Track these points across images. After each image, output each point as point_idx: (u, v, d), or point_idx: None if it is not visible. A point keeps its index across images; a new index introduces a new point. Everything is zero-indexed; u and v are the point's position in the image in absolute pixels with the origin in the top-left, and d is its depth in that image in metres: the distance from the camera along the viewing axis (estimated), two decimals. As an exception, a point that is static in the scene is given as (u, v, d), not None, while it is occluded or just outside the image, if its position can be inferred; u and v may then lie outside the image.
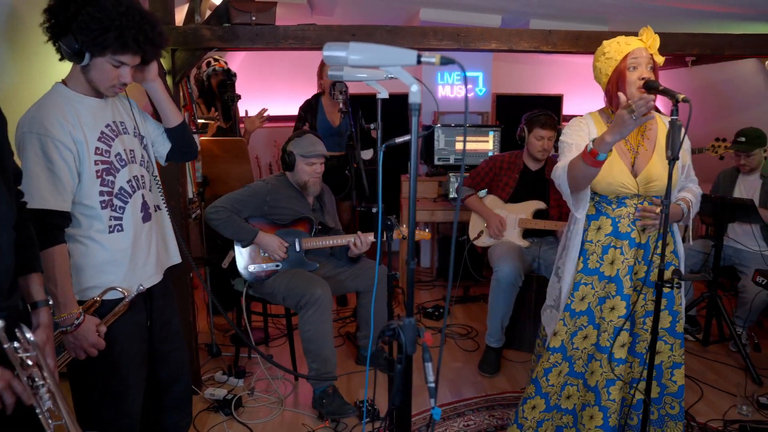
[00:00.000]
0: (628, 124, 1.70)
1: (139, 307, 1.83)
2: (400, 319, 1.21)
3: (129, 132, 1.83)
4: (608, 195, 1.99)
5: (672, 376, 2.05)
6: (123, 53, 1.61)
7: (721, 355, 3.46)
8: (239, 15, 2.55)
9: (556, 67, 5.52)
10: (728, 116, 4.62)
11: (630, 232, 1.98)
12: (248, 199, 2.86)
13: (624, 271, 1.99)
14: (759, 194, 3.45)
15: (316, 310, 2.68)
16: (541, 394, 2.11)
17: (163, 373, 1.98)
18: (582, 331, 2.05)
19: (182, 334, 2.07)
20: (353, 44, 1.10)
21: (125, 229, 1.76)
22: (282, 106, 5.12)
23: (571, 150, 1.98)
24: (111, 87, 1.68)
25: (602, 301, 2.03)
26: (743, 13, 3.06)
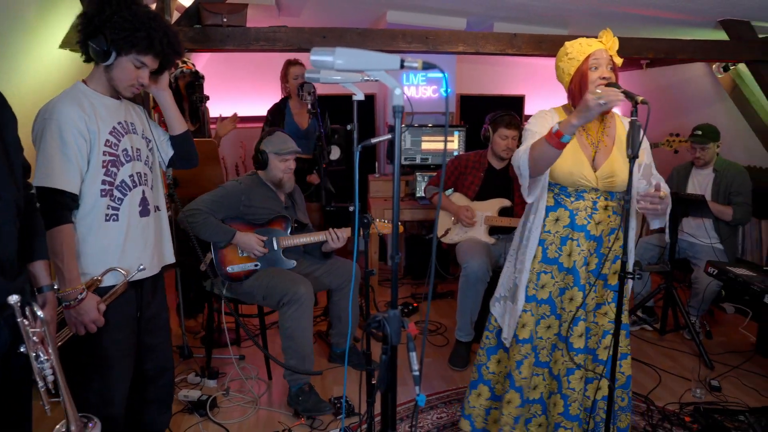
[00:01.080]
0: (593, 108, 1.76)
1: (130, 298, 1.92)
2: (385, 311, 1.27)
3: (138, 133, 1.98)
4: (568, 187, 2.05)
5: (620, 367, 2.13)
6: (147, 54, 1.79)
7: (677, 343, 3.65)
8: (210, 17, 2.56)
9: (518, 68, 5.67)
10: (679, 116, 4.85)
11: (586, 224, 2.06)
12: (223, 200, 2.86)
13: (580, 262, 2.06)
14: (711, 188, 3.65)
15: (298, 307, 2.70)
16: (515, 388, 2.15)
17: (148, 365, 2.05)
18: (545, 321, 2.12)
19: (169, 329, 2.15)
20: (339, 49, 1.15)
21: (120, 220, 1.86)
22: (247, 107, 5.11)
23: (534, 137, 2.02)
24: (130, 86, 1.84)
25: (562, 292, 2.11)
26: (693, 20, 3.23)
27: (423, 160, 4.85)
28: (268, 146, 2.93)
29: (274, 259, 2.91)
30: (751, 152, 4.11)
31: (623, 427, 2.17)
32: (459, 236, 3.59)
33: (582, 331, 2.08)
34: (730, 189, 3.55)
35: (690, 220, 3.69)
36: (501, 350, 2.30)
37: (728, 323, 4.04)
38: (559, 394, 2.13)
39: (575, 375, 2.09)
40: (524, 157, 1.97)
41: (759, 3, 2.69)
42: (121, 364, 1.90)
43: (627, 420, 2.18)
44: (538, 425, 2.20)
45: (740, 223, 3.58)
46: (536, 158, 1.94)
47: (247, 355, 3.38)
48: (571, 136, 1.84)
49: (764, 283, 2.52)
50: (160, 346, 2.09)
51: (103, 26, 1.72)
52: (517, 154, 2.02)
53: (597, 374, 2.11)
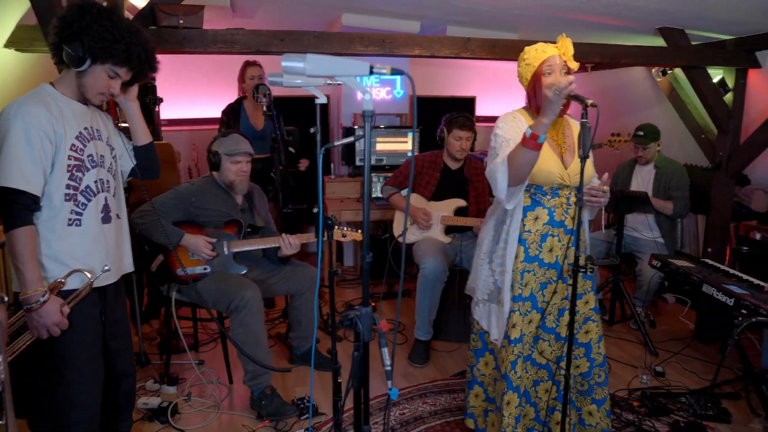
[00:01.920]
0: (554, 101, 1.86)
1: (94, 301, 1.89)
2: (357, 309, 1.31)
3: (103, 140, 1.96)
4: (544, 186, 2.14)
5: (598, 349, 2.27)
6: (123, 66, 1.81)
7: (624, 333, 3.83)
8: (166, 18, 2.53)
9: (469, 70, 5.80)
10: (621, 117, 5.09)
11: (564, 220, 2.17)
12: (173, 202, 2.83)
13: (562, 256, 2.18)
14: (652, 183, 3.85)
15: (247, 312, 2.68)
16: (513, 389, 2.19)
17: (111, 370, 2.01)
18: (527, 316, 2.21)
19: (131, 334, 2.14)
20: (310, 56, 1.18)
21: (83, 225, 1.84)
22: (200, 109, 5.04)
23: (509, 145, 2.09)
24: (100, 95, 1.84)
25: (544, 287, 2.20)
26: (635, 27, 3.42)
27: (378, 161, 4.90)
28: (220, 147, 2.91)
29: (224, 263, 2.89)
30: (688, 151, 4.36)
31: (599, 398, 2.29)
32: (416, 236, 3.65)
33: (567, 320, 2.19)
34: (669, 184, 3.76)
35: (634, 215, 3.88)
36: (487, 352, 2.38)
37: (669, 312, 4.28)
38: (551, 381, 2.23)
39: (564, 362, 2.18)
40: (502, 168, 2.02)
41: (692, 13, 2.87)
42: (88, 366, 1.88)
43: (604, 393, 2.30)
44: (524, 416, 2.28)
45: (680, 216, 3.79)
46: (518, 166, 1.99)
47: (207, 360, 3.35)
48: (545, 136, 1.93)
49: (702, 273, 2.69)
50: (122, 351, 2.07)
51: (82, 33, 1.72)
52: (493, 167, 2.06)
53: (577, 355, 2.25)
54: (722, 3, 2.65)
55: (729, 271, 2.76)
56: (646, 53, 3.19)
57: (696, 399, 2.84)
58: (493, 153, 2.16)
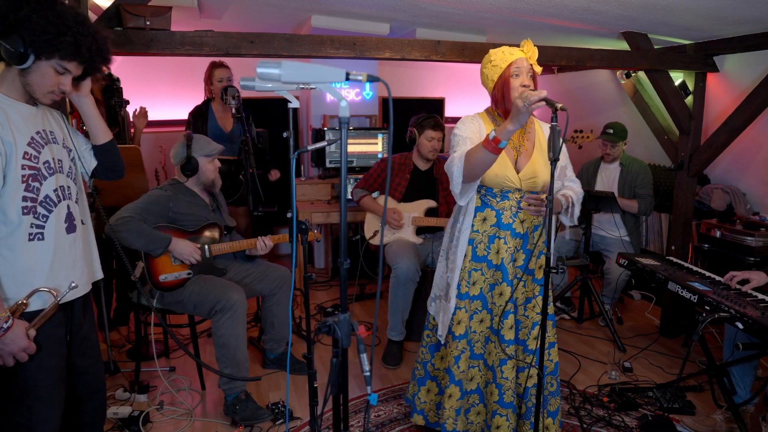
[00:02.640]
0: (523, 112, 1.89)
1: (59, 320, 1.77)
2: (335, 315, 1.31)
3: (58, 142, 1.80)
4: (494, 188, 2.19)
5: (549, 356, 2.30)
6: (72, 60, 1.63)
7: (593, 330, 3.92)
8: (132, 19, 2.48)
9: (438, 71, 5.84)
10: (587, 117, 5.19)
11: (512, 223, 2.21)
12: (152, 207, 2.77)
13: (507, 259, 2.21)
14: (617, 181, 3.95)
15: (231, 315, 2.66)
16: (455, 382, 2.25)
17: (79, 388, 1.92)
18: (477, 315, 2.25)
19: (99, 349, 2.02)
20: (285, 62, 1.18)
21: (46, 239, 1.70)
22: (165, 110, 4.95)
23: (465, 143, 2.14)
24: (49, 93, 1.67)
25: (492, 288, 2.25)
26: (599, 31, 3.50)
27: (348, 162, 4.88)
28: (196, 152, 2.88)
29: (205, 266, 2.86)
30: (651, 152, 4.48)
31: (553, 410, 2.33)
32: (387, 237, 3.67)
33: (512, 323, 2.22)
34: (635, 183, 3.87)
35: (601, 215, 3.97)
36: (443, 347, 2.41)
37: (636, 309, 4.39)
38: (494, 383, 2.26)
39: (508, 365, 2.22)
40: (459, 164, 2.06)
41: (655, 18, 2.95)
42: (51, 392, 1.75)
43: (557, 403, 2.35)
44: (476, 413, 2.32)
45: (645, 214, 3.90)
46: (474, 164, 2.02)
47: (178, 366, 3.29)
48: (507, 142, 1.96)
49: (667, 271, 2.77)
50: (91, 367, 1.95)
51: (20, 25, 1.53)
52: (451, 161, 2.11)
53: (527, 363, 2.25)
54: (682, 10, 2.74)
55: (692, 269, 2.85)
56: (610, 57, 3.27)
57: (662, 393, 2.93)
58: (451, 149, 2.21)
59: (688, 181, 3.70)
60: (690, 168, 3.66)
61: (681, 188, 3.74)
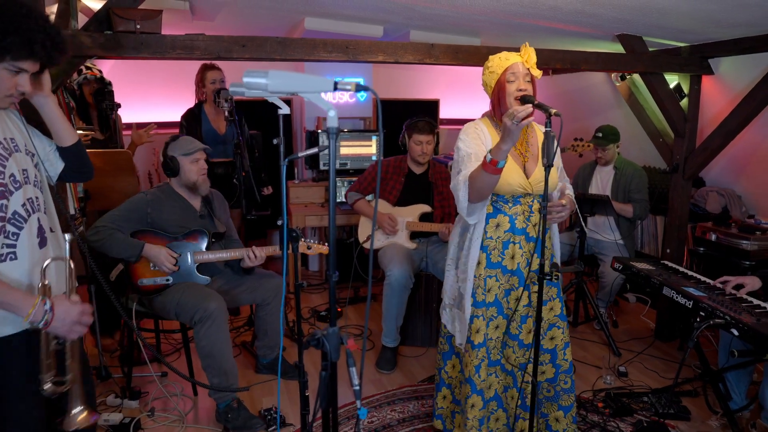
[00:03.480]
0: (513, 130, 1.88)
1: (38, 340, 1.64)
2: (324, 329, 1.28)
3: (21, 150, 1.66)
4: (505, 194, 2.17)
5: (564, 355, 2.29)
6: (25, 59, 1.48)
7: (588, 334, 3.90)
8: (122, 22, 2.44)
9: (432, 73, 5.82)
10: (582, 119, 5.18)
11: (525, 227, 2.19)
12: (128, 214, 2.74)
13: (523, 263, 2.20)
14: (611, 184, 3.94)
15: (211, 324, 2.62)
16: (477, 392, 2.22)
17: None
18: (493, 322, 2.22)
19: (87, 361, 1.96)
20: (272, 72, 1.15)
21: (19, 257, 1.59)
22: (158, 113, 4.92)
23: (470, 159, 2.12)
24: (7, 97, 1.54)
25: (508, 293, 2.22)
26: (594, 33, 3.48)
27: (342, 165, 4.88)
28: (175, 151, 2.85)
29: (187, 274, 2.82)
30: (646, 154, 4.47)
31: (566, 405, 2.32)
32: (381, 242, 3.64)
33: (530, 327, 2.22)
34: (629, 186, 3.85)
35: (595, 218, 3.96)
36: (454, 355, 2.40)
37: (631, 312, 4.38)
38: (515, 388, 2.25)
39: (528, 369, 2.20)
40: (464, 189, 2.07)
41: (649, 21, 2.94)
42: (33, 418, 1.65)
43: (570, 399, 2.33)
44: (495, 420, 2.31)
45: (640, 218, 3.88)
46: (478, 187, 2.04)
47: (170, 372, 3.26)
48: (505, 161, 1.96)
49: (662, 276, 2.75)
50: None
51: None
52: (455, 184, 2.12)
53: (543, 361, 2.27)
54: (677, 13, 2.72)
55: (688, 273, 2.83)
56: (605, 59, 3.25)
57: (657, 398, 2.91)
58: (455, 166, 2.20)
59: (683, 184, 3.68)
60: (685, 171, 3.65)
61: (676, 191, 3.72)
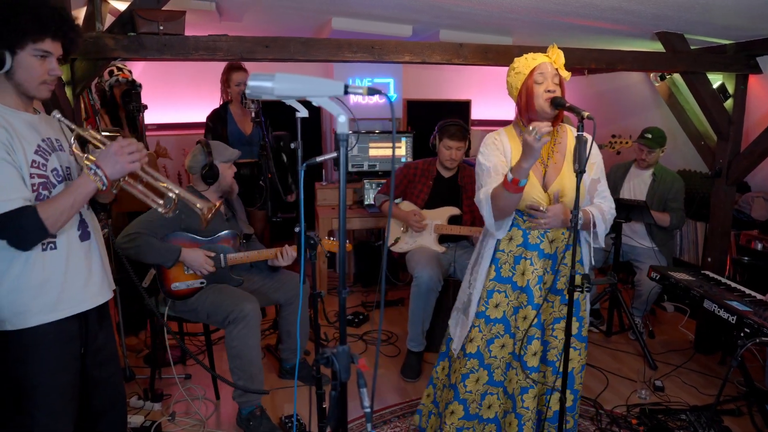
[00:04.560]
0: (535, 147, 1.79)
1: (73, 334, 1.74)
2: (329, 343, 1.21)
3: (65, 150, 1.77)
4: (520, 208, 2.05)
5: (581, 379, 2.17)
6: (42, 37, 1.56)
7: (622, 344, 3.74)
8: (146, 24, 2.43)
9: (464, 73, 5.70)
10: (618, 121, 4.99)
11: (539, 243, 2.06)
12: (161, 220, 2.70)
13: (534, 281, 2.07)
14: (647, 191, 3.76)
15: (244, 326, 2.60)
16: (459, 400, 2.14)
17: (97, 399, 1.88)
18: (499, 340, 2.12)
19: (118, 360, 1.98)
20: (279, 75, 1.09)
21: (59, 248, 1.67)
22: (187, 113, 4.95)
23: (489, 174, 2.03)
24: (42, 84, 1.62)
25: (516, 311, 2.11)
26: (632, 31, 3.32)
27: (371, 167, 4.81)
28: (216, 158, 2.82)
29: (221, 276, 2.80)
30: (686, 158, 4.27)
31: (569, 428, 2.19)
32: (409, 245, 3.56)
33: (536, 349, 2.09)
34: (667, 195, 3.67)
35: (632, 224, 3.79)
36: (447, 358, 2.34)
37: (669, 322, 4.19)
38: (513, 413, 2.14)
39: (529, 394, 2.10)
40: (487, 206, 2.00)
41: (692, 18, 2.78)
42: (66, 409, 1.72)
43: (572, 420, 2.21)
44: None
45: (676, 228, 3.70)
46: (501, 206, 1.96)
47: (194, 374, 3.25)
48: (527, 179, 1.87)
49: (702, 288, 2.60)
50: (109, 378, 1.91)
51: None
52: (478, 200, 2.05)
53: (556, 387, 2.11)
54: (722, 8, 2.56)
55: (731, 285, 2.67)
56: (643, 59, 3.10)
57: (697, 416, 2.75)
58: (477, 179, 2.11)
59: (726, 190, 3.49)
60: (729, 175, 3.45)
61: (718, 197, 3.53)
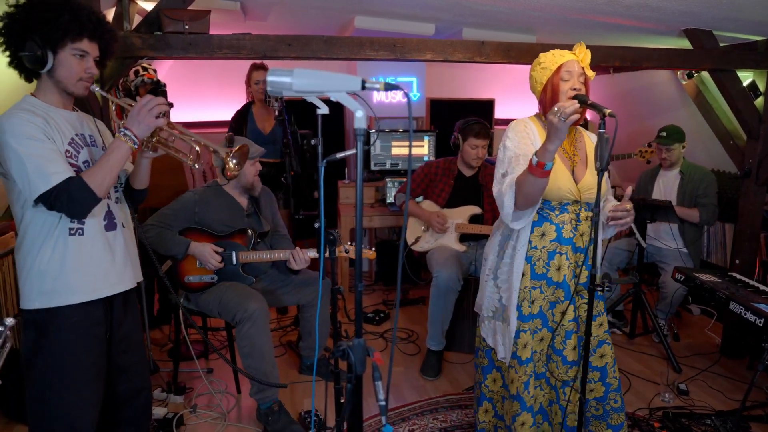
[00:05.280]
0: (560, 128, 1.76)
1: (99, 319, 1.82)
2: (350, 339, 1.23)
3: (98, 146, 1.88)
4: (552, 201, 2.03)
5: (614, 373, 2.15)
6: (81, 38, 1.69)
7: (646, 346, 3.69)
8: (171, 23, 2.48)
9: (487, 72, 5.67)
10: (645, 120, 4.91)
11: (572, 237, 2.05)
12: (177, 213, 2.81)
13: (570, 275, 2.05)
14: (677, 189, 3.70)
15: (252, 325, 2.62)
16: (527, 409, 2.11)
17: (121, 386, 1.95)
18: (538, 334, 2.10)
19: (143, 347, 2.04)
20: (298, 70, 1.11)
21: (86, 234, 1.77)
22: (212, 112, 5.02)
23: (518, 162, 1.99)
24: (80, 81, 1.74)
25: (553, 306, 2.09)
26: (658, 28, 3.27)
27: (393, 165, 4.82)
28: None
29: (232, 273, 2.84)
30: (714, 157, 4.18)
31: (616, 424, 2.18)
32: (429, 244, 3.56)
33: (575, 343, 2.08)
34: (697, 191, 3.61)
35: (657, 225, 3.73)
36: (494, 369, 2.27)
37: (694, 325, 4.11)
38: (557, 404, 2.14)
39: (570, 388, 2.08)
40: (509, 194, 1.94)
41: (721, 14, 2.72)
42: (89, 388, 1.80)
43: (620, 418, 2.19)
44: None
45: (708, 224, 3.62)
46: (527, 193, 1.90)
47: (216, 368, 3.30)
48: (553, 162, 1.84)
49: (729, 290, 2.55)
50: (134, 366, 1.98)
51: (26, 30, 1.63)
52: (501, 192, 1.99)
53: (591, 379, 2.13)
54: (751, 3, 2.51)
55: (759, 288, 2.61)
56: (669, 56, 3.05)
57: (722, 421, 2.70)
58: (500, 166, 2.05)
59: (755, 190, 3.41)
60: (759, 175, 3.37)
61: (748, 197, 3.45)
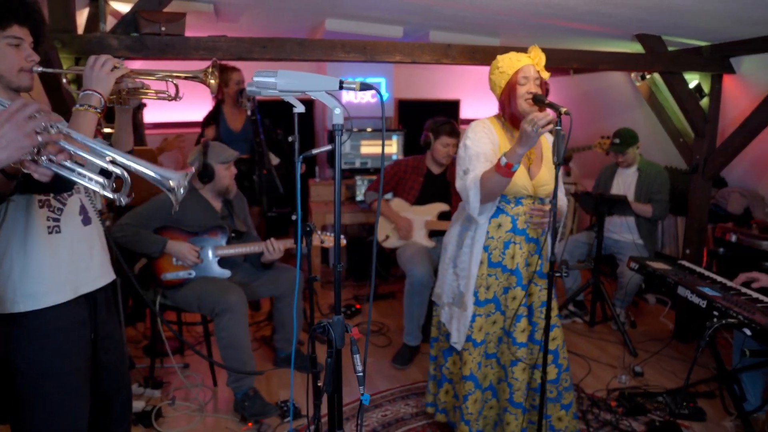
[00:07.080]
0: (532, 136, 1.92)
1: (84, 320, 1.81)
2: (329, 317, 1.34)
3: None
4: (508, 195, 2.21)
5: (564, 354, 2.33)
6: (10, 24, 1.56)
7: (605, 334, 3.90)
8: (148, 25, 2.54)
9: (453, 73, 5.84)
10: (603, 119, 5.15)
11: (525, 228, 2.23)
12: (152, 213, 2.85)
13: (522, 263, 2.24)
14: (634, 186, 3.92)
15: (231, 316, 2.72)
16: (480, 387, 2.28)
17: (104, 384, 1.95)
18: (491, 317, 2.27)
19: (124, 344, 2.07)
20: (282, 72, 1.22)
21: (63, 231, 1.74)
22: (182, 113, 5.05)
23: (479, 159, 2.16)
24: (20, 72, 1.63)
25: (506, 291, 2.26)
26: (613, 33, 3.48)
27: (362, 164, 4.94)
28: (212, 159, 2.95)
29: (208, 268, 2.92)
30: (667, 154, 4.43)
31: (566, 403, 2.36)
32: (399, 241, 3.69)
33: (524, 326, 2.25)
34: (651, 188, 3.83)
35: (614, 218, 3.94)
36: (455, 353, 2.42)
37: (650, 313, 4.35)
38: (506, 382, 2.29)
39: (518, 366, 2.25)
40: (474, 189, 2.11)
41: (669, 20, 2.93)
42: (82, 391, 1.80)
43: (570, 397, 2.37)
44: (490, 408, 2.36)
45: (660, 218, 3.86)
46: (490, 189, 2.08)
47: (192, 363, 3.36)
48: (519, 164, 2.00)
49: (678, 276, 2.75)
50: (115, 363, 1.98)
51: None
52: (465, 185, 2.15)
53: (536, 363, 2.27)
54: (697, 11, 2.71)
55: (704, 273, 2.82)
56: (623, 59, 3.25)
57: (672, 398, 2.90)
58: (461, 164, 2.22)
59: (703, 185, 3.65)
60: (705, 171, 3.61)
61: (696, 191, 3.69)
